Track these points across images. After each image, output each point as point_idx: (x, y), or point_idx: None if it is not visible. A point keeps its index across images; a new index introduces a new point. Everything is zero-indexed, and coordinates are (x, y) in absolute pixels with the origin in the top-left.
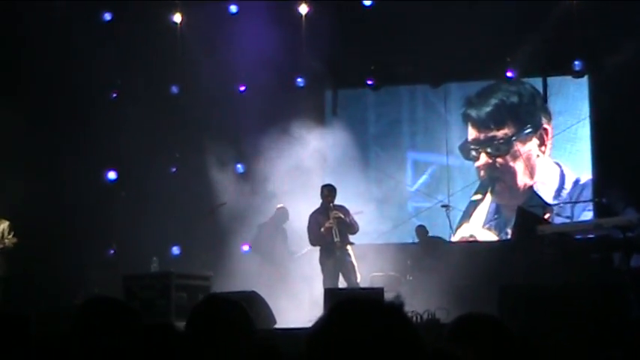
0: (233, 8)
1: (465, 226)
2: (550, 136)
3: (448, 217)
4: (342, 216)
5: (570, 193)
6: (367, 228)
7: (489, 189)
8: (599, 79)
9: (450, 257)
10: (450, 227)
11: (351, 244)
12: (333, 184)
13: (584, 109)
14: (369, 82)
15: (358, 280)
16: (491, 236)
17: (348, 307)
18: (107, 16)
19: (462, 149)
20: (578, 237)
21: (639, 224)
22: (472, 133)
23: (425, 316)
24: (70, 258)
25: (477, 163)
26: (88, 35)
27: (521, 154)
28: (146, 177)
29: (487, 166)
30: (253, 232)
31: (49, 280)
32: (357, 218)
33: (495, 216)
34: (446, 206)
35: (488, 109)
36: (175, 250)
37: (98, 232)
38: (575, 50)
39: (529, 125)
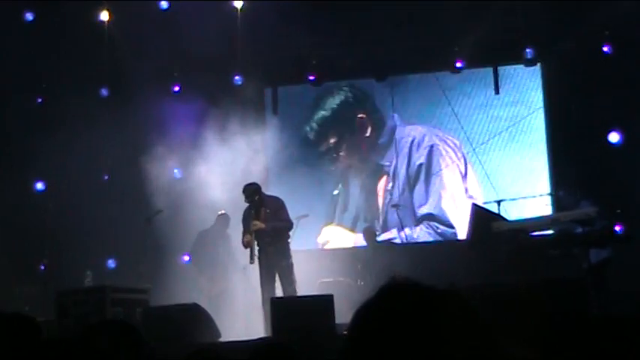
0: (164, 4)
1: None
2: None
3: (399, 216)
4: (262, 226)
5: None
6: (315, 231)
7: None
8: (552, 66)
9: (402, 260)
10: (402, 227)
11: (288, 244)
12: (257, 183)
13: (538, 98)
14: (311, 78)
15: (295, 286)
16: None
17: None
18: (29, 16)
19: None
20: (536, 233)
21: (597, 217)
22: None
23: None
24: None
25: None
26: (9, 37)
27: None
28: (76, 186)
29: None
30: (193, 240)
31: None
32: (302, 222)
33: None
34: (395, 205)
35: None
36: (111, 262)
37: (27, 246)
38: (526, 37)
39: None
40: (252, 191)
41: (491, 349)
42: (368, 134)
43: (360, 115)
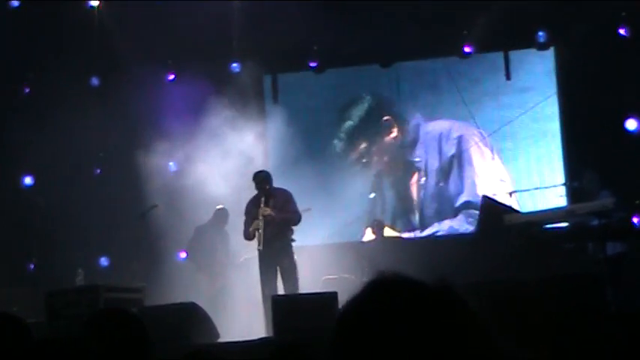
0: None
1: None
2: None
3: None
4: (272, 213)
5: None
6: (318, 226)
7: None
8: (566, 51)
9: (410, 255)
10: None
11: (292, 240)
12: (268, 171)
13: (551, 84)
14: (312, 65)
15: (298, 285)
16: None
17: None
18: (14, 2)
19: None
20: (549, 226)
21: (615, 209)
22: None
23: None
24: None
25: None
26: None
27: None
28: (67, 180)
29: None
30: (190, 236)
31: None
32: (305, 216)
33: None
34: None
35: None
36: (103, 260)
37: (15, 244)
38: (539, 20)
39: None
40: (262, 179)
41: (487, 349)
42: (394, 134)
43: (385, 118)
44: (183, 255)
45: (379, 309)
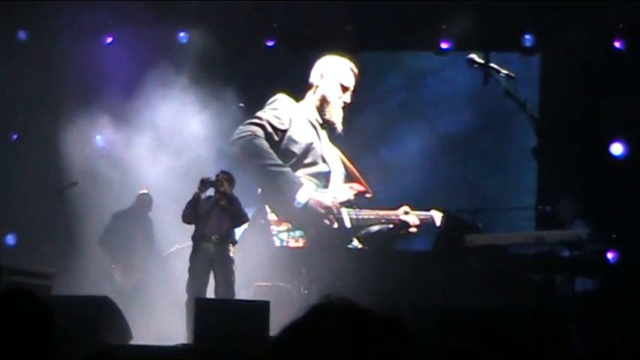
0: None
1: None
2: None
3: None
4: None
5: None
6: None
7: None
8: (553, 58)
9: (357, 268)
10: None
11: (234, 242)
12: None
13: (532, 95)
14: (269, 43)
15: (233, 292)
16: None
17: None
18: None
19: None
20: (514, 251)
21: (589, 241)
22: None
23: None
24: None
25: None
26: None
27: None
28: None
29: None
30: (106, 222)
31: None
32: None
33: None
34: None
35: None
36: (10, 239)
37: None
38: (527, 23)
39: None
40: (226, 180)
41: None
42: None
43: None
44: None
45: (321, 337)
